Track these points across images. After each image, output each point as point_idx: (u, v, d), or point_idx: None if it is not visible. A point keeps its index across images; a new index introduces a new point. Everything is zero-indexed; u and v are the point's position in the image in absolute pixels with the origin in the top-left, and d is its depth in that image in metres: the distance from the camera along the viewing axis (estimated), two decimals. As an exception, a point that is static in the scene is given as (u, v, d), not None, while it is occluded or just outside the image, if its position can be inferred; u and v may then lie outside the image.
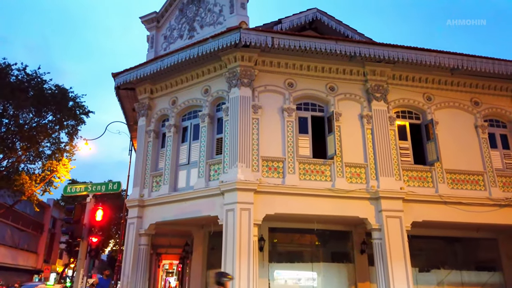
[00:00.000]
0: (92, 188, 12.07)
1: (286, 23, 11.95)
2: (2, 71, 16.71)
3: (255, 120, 10.84)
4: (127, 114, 15.02)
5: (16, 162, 18.03)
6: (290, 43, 10.58)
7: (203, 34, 12.14)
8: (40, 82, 17.64)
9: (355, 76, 11.89)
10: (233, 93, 10.90)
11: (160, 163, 12.36)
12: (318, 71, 11.68)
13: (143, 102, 12.96)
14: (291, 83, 11.45)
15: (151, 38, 13.88)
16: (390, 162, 11.09)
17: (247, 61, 11.01)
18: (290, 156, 10.73)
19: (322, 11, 12.57)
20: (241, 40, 10.25)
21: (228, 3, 11.99)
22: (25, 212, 29.43)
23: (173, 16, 13.61)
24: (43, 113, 17.70)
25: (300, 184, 10.47)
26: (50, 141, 18.47)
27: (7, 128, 17.12)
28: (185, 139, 12.21)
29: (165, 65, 11.53)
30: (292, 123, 11.08)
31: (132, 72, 12.29)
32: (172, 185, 11.66)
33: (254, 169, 10.36)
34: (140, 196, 11.92)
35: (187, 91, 12.23)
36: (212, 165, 11.10)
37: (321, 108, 11.75)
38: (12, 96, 16.28)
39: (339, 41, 10.99)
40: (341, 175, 10.81)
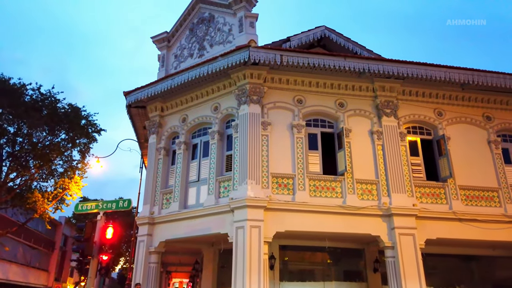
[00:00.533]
0: (102, 205, 12.15)
1: (294, 40, 12.08)
2: (17, 91, 17.08)
3: (265, 137, 10.85)
4: (138, 132, 15.19)
5: (29, 180, 18.23)
6: (298, 60, 10.67)
7: (213, 52, 12.32)
8: (54, 101, 17.95)
9: (365, 92, 11.89)
10: (243, 110, 10.97)
11: (170, 180, 12.40)
12: (327, 88, 11.70)
13: (153, 120, 13.10)
14: (300, 99, 11.48)
15: (162, 57, 14.13)
16: (402, 179, 10.95)
17: (256, 79, 11.11)
18: (300, 173, 10.67)
19: (330, 29, 12.68)
20: (250, 58, 10.37)
21: (237, 23, 12.19)
22: (37, 229, 29.61)
23: (183, 36, 13.87)
24: (56, 131, 17.95)
25: (310, 201, 10.37)
26: (62, 159, 18.66)
27: (21, 146, 17.39)
28: (195, 156, 12.26)
29: (176, 83, 11.70)
30: (301, 139, 11.06)
31: (143, 91, 12.49)
32: (182, 203, 11.65)
33: (264, 186, 10.31)
34: (150, 214, 11.92)
35: (197, 108, 12.34)
36: (222, 182, 11.09)
37: (330, 124, 11.73)
38: (26, 115, 16.59)
39: (348, 58, 11.05)
40: (352, 191, 10.69)
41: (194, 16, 13.64)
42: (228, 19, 12.57)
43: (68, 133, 18.20)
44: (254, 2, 12.32)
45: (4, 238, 19.00)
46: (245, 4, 12.11)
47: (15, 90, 17.08)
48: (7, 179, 17.18)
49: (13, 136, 17.25)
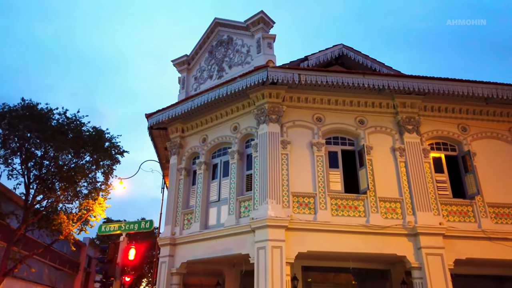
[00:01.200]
0: (125, 227, 12.29)
1: (312, 59, 12.14)
2: (44, 116, 17.71)
3: (284, 156, 10.82)
4: (160, 153, 15.43)
5: (54, 202, 18.66)
6: (317, 78, 10.70)
7: (232, 73, 12.52)
8: (79, 125, 18.50)
9: (385, 108, 11.76)
10: (262, 130, 11.01)
11: (191, 200, 12.46)
12: (347, 105, 11.65)
13: (174, 141, 13.30)
14: (320, 117, 11.45)
15: (182, 80, 14.44)
16: (427, 196, 10.65)
17: (275, 98, 11.18)
18: (321, 192, 10.54)
19: (348, 47, 12.71)
20: (268, 78, 10.48)
21: (255, 44, 12.39)
22: (62, 251, 30.10)
23: (203, 58, 14.18)
24: (81, 154, 18.40)
25: (332, 220, 10.19)
26: (87, 181, 19.05)
27: (47, 169, 17.88)
28: (215, 176, 12.31)
29: (196, 105, 11.90)
30: (322, 157, 10.96)
31: (164, 113, 12.74)
32: (203, 223, 11.65)
33: (285, 205, 10.21)
34: (172, 234, 11.95)
35: (216, 128, 12.48)
36: (243, 201, 11.06)
37: (351, 142, 11.61)
38: (53, 139, 17.12)
39: (367, 75, 11.00)
40: (375, 210, 10.45)
41: (213, 39, 13.96)
42: (246, 40, 12.80)
43: (92, 155, 18.63)
44: (271, 23, 12.53)
45: (31, 260, 19.34)
46: (262, 26, 12.33)
47: (42, 115, 17.72)
48: (34, 201, 17.64)
49: (40, 159, 17.79)
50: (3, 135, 17.19)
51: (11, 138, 17.24)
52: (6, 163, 17.35)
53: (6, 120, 17.12)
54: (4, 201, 19.65)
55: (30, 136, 17.31)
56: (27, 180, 17.59)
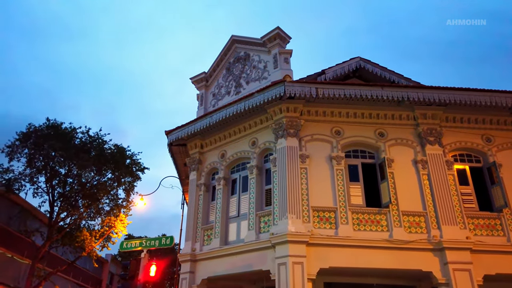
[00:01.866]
0: (146, 243, 12.38)
1: (329, 73, 12.13)
2: (68, 135, 18.23)
3: (304, 170, 10.74)
4: (179, 169, 15.57)
5: (78, 219, 19.00)
6: (334, 92, 10.67)
7: (249, 89, 12.62)
8: (101, 143, 18.94)
9: (405, 120, 11.59)
10: (280, 144, 10.99)
11: (211, 216, 12.47)
12: (366, 118, 11.54)
13: (194, 157, 13.42)
14: (338, 131, 11.36)
15: (201, 96, 14.65)
16: (452, 209, 10.34)
17: (293, 112, 11.18)
18: (342, 206, 10.38)
19: (365, 59, 12.65)
20: (285, 92, 10.51)
21: (272, 59, 12.49)
22: (85, 268, 30.45)
23: (220, 75, 14.37)
24: (103, 171, 18.79)
25: (354, 235, 9.99)
26: (109, 198, 19.37)
27: (71, 187, 18.29)
28: (234, 191, 12.31)
29: (214, 121, 12.03)
30: (341, 171, 10.83)
31: (183, 129, 12.92)
32: (223, 239, 11.61)
33: (305, 220, 10.09)
34: (192, 250, 11.95)
35: (235, 144, 12.53)
36: (262, 216, 10.99)
37: (371, 155, 11.44)
38: (76, 157, 17.56)
39: (385, 87, 10.91)
40: (398, 224, 10.20)
41: (230, 55, 14.16)
42: (263, 56, 12.93)
43: (114, 172, 18.98)
44: (287, 39, 12.63)
45: (55, 276, 19.62)
46: (279, 42, 12.44)
47: (66, 134, 18.24)
48: (58, 218, 18.01)
49: (64, 177, 18.23)
50: (29, 154, 17.74)
51: (37, 157, 17.77)
52: (32, 182, 17.85)
53: (31, 139, 17.70)
54: (29, 219, 20.14)
55: (54, 155, 17.80)
56: (51, 198, 18.01)
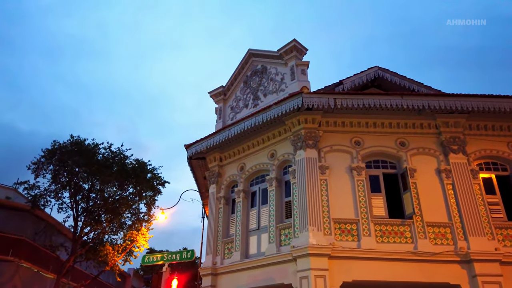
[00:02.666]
0: (167, 257, 12.43)
1: (347, 83, 12.06)
2: (91, 151, 18.69)
3: (323, 181, 10.63)
4: (199, 182, 15.67)
5: (101, 234, 19.30)
6: (353, 102, 10.59)
7: (267, 101, 12.67)
8: (123, 158, 19.34)
9: (427, 129, 11.36)
10: (299, 156, 10.93)
11: (231, 229, 12.44)
12: (386, 127, 11.37)
13: (213, 170, 13.49)
14: (358, 141, 11.23)
15: (219, 110, 14.79)
16: (478, 220, 10.00)
17: (311, 123, 11.13)
18: (363, 217, 10.18)
19: (383, 69, 12.53)
20: (303, 104, 10.50)
21: (289, 71, 12.53)
22: (108, 282, 30.75)
23: (238, 88, 14.50)
24: (125, 186, 19.12)
25: (377, 247, 9.76)
26: (130, 212, 19.65)
27: (94, 202, 18.66)
28: (254, 204, 12.27)
29: (232, 134, 12.09)
30: (362, 182, 10.66)
31: (202, 143, 13.04)
32: (244, 252, 11.54)
33: (326, 233, 9.93)
34: (213, 264, 11.91)
35: (254, 156, 12.54)
36: (283, 229, 10.89)
37: (392, 165, 11.24)
38: (99, 172, 17.95)
39: (405, 96, 10.75)
40: (423, 236, 9.92)
41: (247, 69, 14.29)
42: (280, 69, 12.99)
43: (135, 187, 19.28)
44: (304, 50, 12.67)
45: (79, 291, 19.89)
46: (295, 54, 12.49)
47: (89, 150, 18.70)
48: (82, 233, 18.34)
49: (87, 193, 18.63)
50: (54, 171, 18.25)
51: (61, 173, 18.25)
52: (57, 197, 18.32)
53: (56, 156, 18.21)
54: (54, 234, 20.59)
55: (78, 171, 18.25)
56: (75, 213, 18.40)
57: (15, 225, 18.48)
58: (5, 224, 18.32)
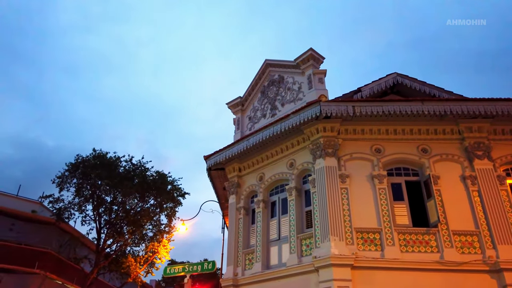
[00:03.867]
0: (188, 268, 12.45)
1: (365, 90, 11.94)
2: (113, 164, 19.06)
3: (344, 190, 10.48)
4: (219, 193, 15.71)
5: (123, 246, 19.54)
6: (372, 109, 10.46)
7: (285, 111, 12.66)
8: (143, 170, 19.64)
9: (449, 135, 11.10)
10: (318, 164, 10.84)
11: (252, 239, 12.37)
12: (407, 134, 11.17)
13: (232, 180, 13.51)
14: (379, 148, 11.06)
15: (237, 120, 14.86)
16: (507, 227, 9.63)
17: (330, 132, 11.04)
18: (386, 226, 9.96)
19: (402, 75, 12.36)
20: (321, 112, 10.44)
21: (306, 80, 12.51)
22: (130, 294, 30.99)
23: (256, 99, 14.56)
24: (146, 198, 19.37)
25: (402, 257, 9.51)
26: (152, 224, 19.87)
27: (116, 214, 18.96)
28: (274, 214, 12.19)
29: (251, 144, 12.11)
30: (384, 190, 10.46)
31: (221, 153, 13.10)
32: (265, 263, 11.44)
33: (348, 242, 9.76)
34: (234, 275, 11.85)
35: (273, 166, 12.51)
36: (304, 239, 10.76)
37: (415, 172, 11.00)
38: (120, 185, 18.27)
39: (426, 101, 10.56)
40: (449, 244, 9.62)
41: (264, 79, 14.35)
42: (297, 78, 12.99)
43: (156, 198, 19.50)
44: (321, 59, 12.65)
45: (102, 303, 20.11)
46: (312, 63, 12.48)
47: (111, 163, 19.08)
48: (105, 245, 18.61)
49: (109, 205, 18.95)
50: (78, 184, 18.67)
51: (84, 186, 18.64)
52: (80, 210, 18.71)
53: (80, 170, 18.64)
54: (78, 246, 20.97)
55: (100, 184, 18.62)
56: (98, 225, 18.71)
57: (41, 238, 18.94)
58: (31, 237, 18.79)
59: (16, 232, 18.59)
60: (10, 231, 18.43)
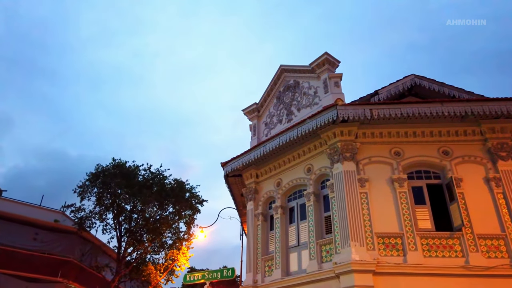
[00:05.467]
0: (208, 275, 12.45)
1: (383, 93, 11.77)
2: (132, 172, 19.31)
3: (363, 194, 10.32)
4: (236, 199, 15.70)
5: (143, 254, 19.70)
6: (390, 111, 10.31)
7: (301, 116, 12.60)
8: (162, 178, 19.82)
9: (471, 136, 10.83)
10: (337, 169, 10.72)
11: (271, 246, 12.29)
12: (427, 136, 10.95)
13: (250, 186, 13.48)
14: (398, 151, 10.87)
15: (253, 127, 14.87)
16: (536, 230, 9.28)
17: (347, 136, 10.92)
18: (408, 231, 9.74)
19: (420, 76, 12.14)
20: (338, 116, 10.34)
21: (322, 84, 12.44)
22: (151, 302, 31.16)
23: (271, 104, 14.55)
24: (164, 205, 19.52)
25: (425, 262, 9.27)
26: (171, 232, 19.98)
27: (136, 222, 19.16)
28: (292, 220, 12.09)
29: (268, 150, 12.08)
30: (405, 194, 10.25)
31: (238, 160, 13.11)
32: (284, 269, 11.33)
33: (370, 248, 9.57)
34: (254, 282, 11.77)
35: (290, 171, 12.43)
36: (323, 245, 10.62)
37: (436, 175, 10.75)
38: (140, 193, 18.47)
39: (445, 103, 10.34)
40: (474, 249, 9.33)
41: (280, 85, 14.34)
42: (313, 82, 12.94)
43: (175, 206, 19.63)
44: (336, 63, 12.57)
45: (124, 311, 20.28)
46: (328, 67, 12.41)
47: (130, 172, 19.32)
48: (126, 253, 18.80)
49: (129, 213, 19.17)
50: (98, 193, 18.97)
51: (105, 195, 18.92)
52: (101, 219, 18.97)
53: (100, 179, 18.94)
54: (99, 254, 21.24)
55: (120, 192, 18.87)
56: (119, 234, 18.93)
57: (64, 247, 19.25)
58: (54, 246, 19.12)
59: (40, 241, 18.95)
60: (34, 240, 18.80)
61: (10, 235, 18.04)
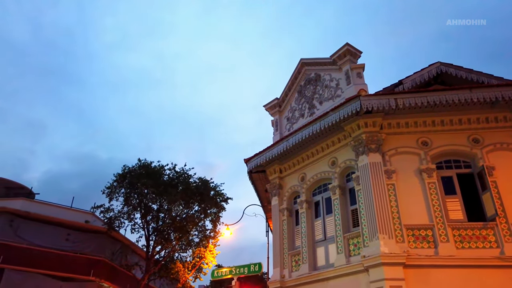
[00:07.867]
0: (236, 271, 12.53)
1: (407, 83, 11.46)
2: (157, 172, 19.62)
3: (391, 186, 10.09)
4: (261, 196, 15.68)
5: (171, 252, 20.00)
6: (416, 100, 10.03)
7: (323, 109, 12.44)
8: (187, 177, 20.05)
9: (503, 122, 10.41)
10: (362, 161, 10.52)
11: (297, 241, 12.21)
12: (455, 124, 10.60)
13: (274, 182, 13.43)
14: (425, 141, 10.57)
15: (275, 122, 14.80)
16: None
17: (372, 127, 10.70)
18: (439, 222, 9.46)
19: (446, 63, 11.75)
20: (362, 107, 10.14)
21: (344, 76, 12.24)
22: (180, 299, 31.64)
23: (293, 99, 14.44)
24: (190, 204, 19.75)
25: (457, 253, 8.98)
26: (197, 230, 20.21)
27: (163, 221, 19.46)
28: (318, 214, 11.97)
29: (290, 144, 11.99)
30: (434, 184, 9.96)
31: (261, 156, 13.08)
32: (312, 264, 11.23)
33: (399, 240, 9.35)
34: (281, 277, 11.72)
35: (314, 165, 12.30)
36: (351, 239, 10.45)
37: (467, 164, 10.39)
38: (166, 192, 18.75)
39: (474, 89, 9.98)
40: (510, 239, 8.97)
41: (301, 79, 14.21)
42: (334, 74, 12.75)
43: (200, 204, 19.83)
44: (358, 53, 12.32)
45: (154, 309, 20.66)
46: (349, 58, 12.19)
47: (156, 172, 19.64)
48: (154, 252, 19.14)
49: (156, 213, 19.50)
50: (126, 194, 19.38)
51: (132, 195, 19.32)
52: (129, 219, 19.38)
53: (127, 180, 19.34)
54: (129, 253, 21.73)
55: (147, 192, 19.22)
56: (147, 233, 19.30)
57: (95, 246, 19.79)
58: (86, 246, 19.69)
59: (72, 241, 19.54)
60: (67, 241, 19.41)
61: (44, 236, 18.70)
